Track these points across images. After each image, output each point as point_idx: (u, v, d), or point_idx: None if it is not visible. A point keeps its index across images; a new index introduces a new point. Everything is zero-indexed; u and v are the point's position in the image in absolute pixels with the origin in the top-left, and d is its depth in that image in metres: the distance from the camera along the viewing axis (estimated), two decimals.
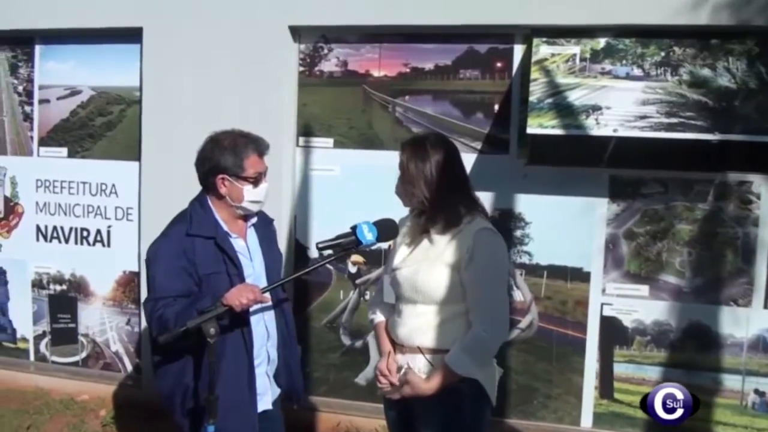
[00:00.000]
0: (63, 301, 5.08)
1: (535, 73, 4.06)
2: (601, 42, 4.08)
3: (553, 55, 4.11)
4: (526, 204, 4.35)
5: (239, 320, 2.70)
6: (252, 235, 2.90)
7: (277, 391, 2.98)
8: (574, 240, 4.30)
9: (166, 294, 2.65)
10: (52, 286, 5.08)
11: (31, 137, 5.06)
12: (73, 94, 4.98)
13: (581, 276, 4.32)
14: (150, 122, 4.69)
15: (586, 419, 4.36)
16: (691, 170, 4.12)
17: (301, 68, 4.61)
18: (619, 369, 4.31)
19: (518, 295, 4.40)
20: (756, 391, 4.17)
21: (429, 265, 2.63)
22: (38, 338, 5.17)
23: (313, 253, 4.63)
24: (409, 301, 2.69)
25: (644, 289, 4.25)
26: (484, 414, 2.75)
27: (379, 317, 2.88)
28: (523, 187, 4.33)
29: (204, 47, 4.57)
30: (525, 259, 4.38)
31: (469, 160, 4.37)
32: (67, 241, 5.02)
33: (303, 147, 4.63)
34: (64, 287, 5.07)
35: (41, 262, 5.09)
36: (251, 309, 2.74)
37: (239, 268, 2.75)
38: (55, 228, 5.05)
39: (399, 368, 2.72)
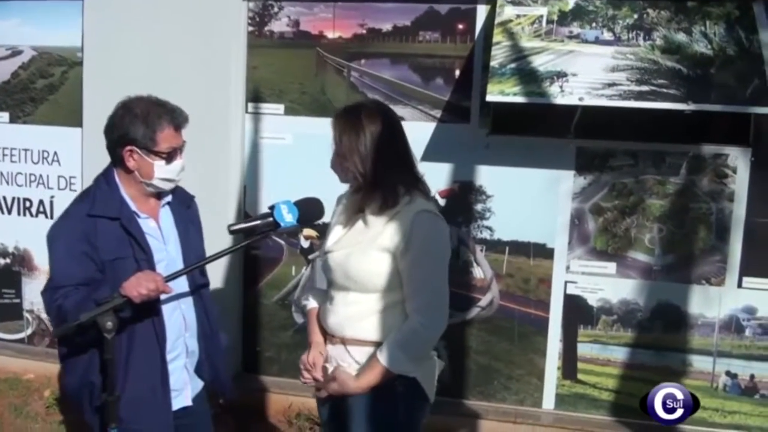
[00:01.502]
0: (6, 275, 4.83)
1: (498, 36, 3.77)
2: (570, 3, 3.80)
3: (518, 16, 3.82)
4: (487, 176, 4.10)
5: (149, 310, 2.45)
6: (166, 215, 2.63)
7: (200, 384, 2.74)
8: (537, 215, 4.06)
9: (66, 282, 2.39)
10: None
11: None
12: (14, 55, 4.66)
13: (545, 252, 4.09)
14: (92, 86, 4.40)
15: (549, 401, 4.18)
16: (664, 142, 3.88)
17: (250, 28, 4.30)
18: (584, 349, 4.12)
19: (478, 272, 4.18)
20: (728, 373, 3.99)
21: (362, 249, 2.39)
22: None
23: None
24: (341, 288, 2.46)
25: (611, 267, 4.03)
26: (421, 413, 2.54)
27: (311, 303, 2.66)
28: (485, 158, 4.07)
29: (148, 4, 4.26)
30: (486, 235, 4.14)
31: (428, 129, 4.13)
32: (9, 211, 4.76)
33: (252, 114, 4.34)
34: (8, 261, 4.83)
35: None
36: (163, 297, 2.50)
37: (148, 252, 2.48)
38: None
39: (326, 361, 2.51)
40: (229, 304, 4.42)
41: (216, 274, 4.36)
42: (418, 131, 4.09)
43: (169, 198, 2.65)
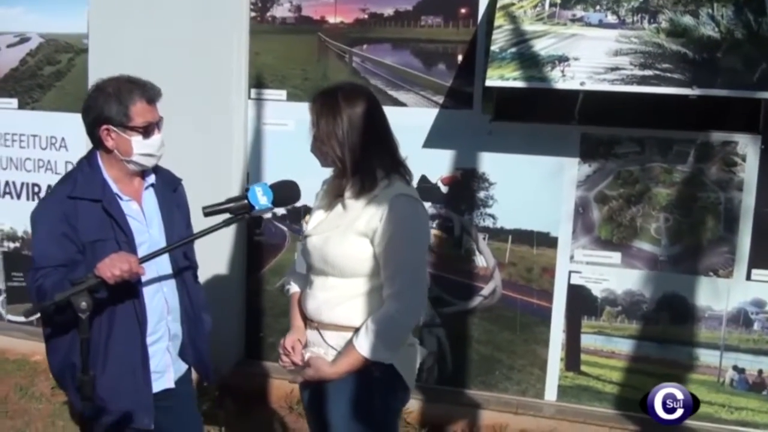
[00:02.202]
0: (17, 258, 4.89)
1: (499, 20, 3.69)
2: None
3: None
4: (490, 163, 4.02)
5: (130, 292, 2.46)
6: (150, 197, 2.62)
7: (184, 367, 2.74)
8: (541, 203, 3.98)
9: (47, 263, 2.41)
10: (5, 244, 4.90)
11: None
12: (22, 42, 4.70)
13: (548, 241, 4.01)
14: (97, 73, 4.25)
15: (551, 392, 4.10)
16: (671, 128, 3.75)
17: (253, 14, 4.27)
18: (587, 341, 4.03)
19: (481, 261, 4.11)
20: (735, 368, 3.88)
21: (340, 233, 2.36)
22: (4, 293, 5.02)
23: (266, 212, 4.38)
24: (320, 273, 2.43)
25: (616, 257, 3.93)
26: (399, 400, 2.51)
27: (293, 288, 2.64)
28: (488, 144, 3.99)
29: None
30: (488, 223, 4.07)
31: (430, 115, 4.07)
32: (18, 196, 4.82)
33: (255, 99, 4.32)
34: (17, 244, 4.89)
35: None
36: (144, 279, 2.50)
37: (129, 234, 2.48)
38: (7, 183, 4.84)
39: (306, 345, 2.49)
40: (232, 290, 4.44)
41: (219, 260, 4.39)
42: (421, 117, 4.06)
43: (152, 180, 2.64)
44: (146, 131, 2.50)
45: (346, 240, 2.35)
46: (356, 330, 2.34)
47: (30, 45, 4.70)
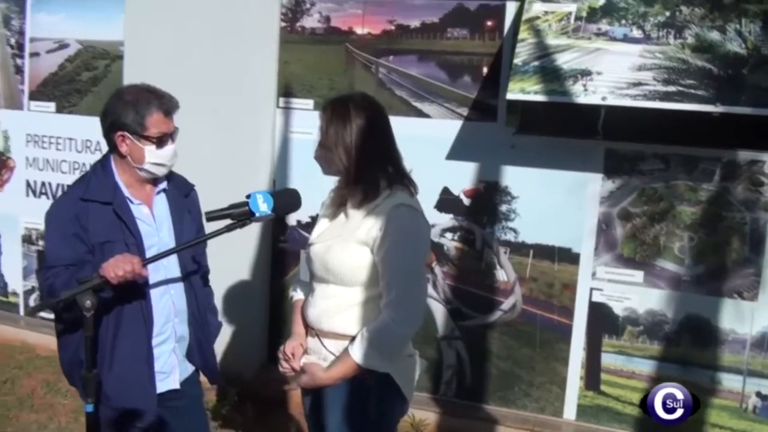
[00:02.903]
0: None
1: (523, 33, 3.69)
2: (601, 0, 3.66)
3: (546, 13, 3.72)
4: (513, 176, 4.01)
5: (137, 293, 2.52)
6: (161, 202, 2.68)
7: (190, 369, 2.78)
8: (563, 218, 3.93)
9: (57, 262, 2.47)
10: (41, 243, 5.04)
11: (22, 91, 5.00)
12: (61, 48, 4.87)
13: (570, 257, 3.96)
14: (131, 79, 4.43)
15: (570, 411, 4.04)
16: (697, 146, 3.68)
17: (283, 24, 4.34)
18: (608, 360, 3.96)
19: (502, 275, 4.09)
20: (758, 394, 3.77)
21: (342, 242, 2.38)
22: (28, 293, 5.16)
23: (291, 220, 4.43)
24: (321, 281, 2.45)
25: (638, 275, 3.86)
26: (396, 411, 2.49)
27: (298, 295, 2.66)
28: (511, 158, 3.98)
29: (185, 1, 4.37)
30: (510, 237, 4.05)
31: (454, 127, 4.07)
32: (54, 197, 4.95)
33: (283, 108, 4.38)
34: None
35: (31, 217, 5.05)
36: (152, 281, 2.55)
37: (137, 237, 2.53)
38: (43, 184, 5.00)
39: (306, 352, 2.51)
40: (255, 295, 4.49)
41: (243, 266, 4.45)
42: (445, 129, 4.07)
43: (164, 185, 2.69)
44: (160, 141, 2.55)
45: (347, 248, 2.36)
46: (353, 338, 2.35)
47: (68, 51, 4.86)
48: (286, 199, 2.47)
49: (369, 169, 2.37)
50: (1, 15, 5.05)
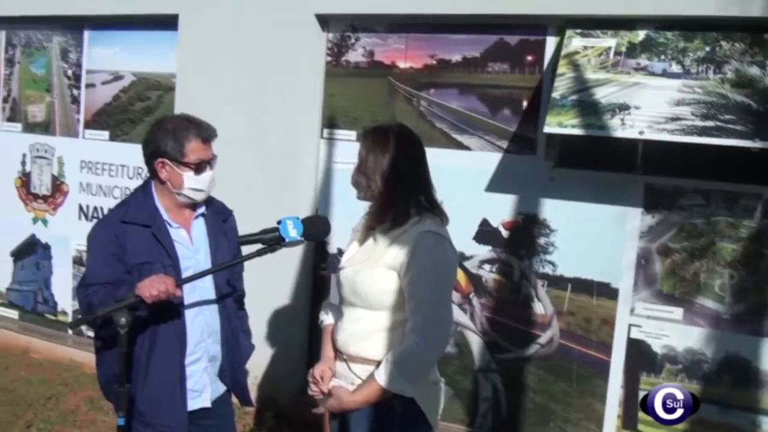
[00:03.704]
0: None
1: (562, 68, 3.73)
2: (641, 34, 3.69)
3: (585, 48, 3.76)
4: (552, 210, 4.01)
5: (173, 313, 2.60)
6: (199, 226, 2.78)
7: (222, 388, 2.84)
8: (602, 252, 3.92)
9: (95, 281, 2.57)
10: None
11: (78, 120, 5.24)
12: (116, 79, 5.10)
13: (608, 292, 3.93)
14: (183, 110, 4.66)
15: None
16: (738, 182, 3.64)
17: (329, 58, 4.47)
18: None
19: (539, 308, 4.07)
20: None
21: (370, 266, 2.43)
22: (77, 313, 5.31)
23: (332, 247, 4.50)
24: (350, 304, 2.50)
25: (678, 312, 3.81)
26: None
27: (328, 319, 2.70)
28: (550, 191, 3.99)
29: (235, 35, 4.55)
30: (548, 270, 4.04)
31: (494, 159, 4.10)
32: None
33: (327, 139, 4.49)
34: None
35: (82, 240, 5.17)
36: (187, 302, 2.64)
37: (174, 259, 2.62)
38: (95, 208, 5.19)
39: (335, 376, 2.54)
40: (295, 321, 4.56)
41: (284, 291, 4.53)
42: (484, 161, 4.11)
43: (203, 210, 2.79)
44: (198, 168, 2.65)
45: (375, 272, 2.41)
46: (379, 363, 2.38)
47: (123, 83, 5.08)
48: (315, 225, 2.55)
49: (402, 196, 2.42)
50: (59, 48, 5.32)
